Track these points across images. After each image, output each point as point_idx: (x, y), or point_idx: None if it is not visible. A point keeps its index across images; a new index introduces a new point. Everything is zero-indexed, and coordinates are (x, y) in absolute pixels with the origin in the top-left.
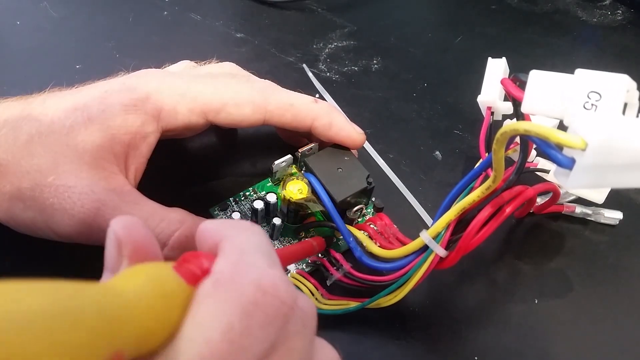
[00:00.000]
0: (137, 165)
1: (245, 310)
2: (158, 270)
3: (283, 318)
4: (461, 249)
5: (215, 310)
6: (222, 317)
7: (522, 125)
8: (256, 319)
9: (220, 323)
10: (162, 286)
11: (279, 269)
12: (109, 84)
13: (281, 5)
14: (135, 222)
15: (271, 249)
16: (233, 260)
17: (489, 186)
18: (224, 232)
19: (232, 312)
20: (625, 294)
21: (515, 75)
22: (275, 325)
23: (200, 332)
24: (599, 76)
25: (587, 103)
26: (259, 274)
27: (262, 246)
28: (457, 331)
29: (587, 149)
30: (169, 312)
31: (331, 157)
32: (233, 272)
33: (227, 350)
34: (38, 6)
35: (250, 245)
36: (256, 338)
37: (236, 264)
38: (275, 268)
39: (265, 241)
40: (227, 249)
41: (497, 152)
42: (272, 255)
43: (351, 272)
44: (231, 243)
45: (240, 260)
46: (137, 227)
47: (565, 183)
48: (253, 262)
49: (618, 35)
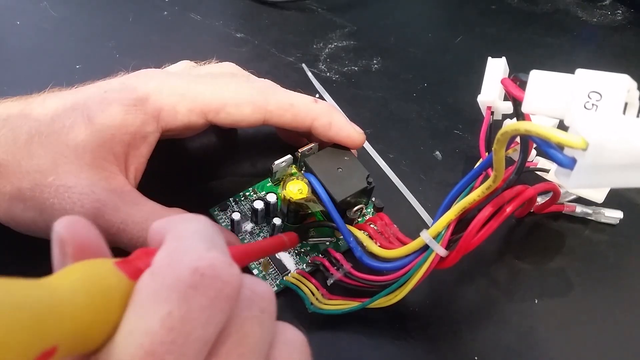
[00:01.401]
0: (137, 165)
1: (183, 295)
2: (96, 266)
3: (226, 299)
4: (461, 248)
5: (153, 299)
6: (160, 305)
7: (523, 125)
8: (196, 302)
9: (158, 311)
10: (99, 281)
11: (218, 251)
12: (109, 84)
13: (281, 5)
14: (78, 221)
15: (215, 234)
16: (170, 248)
17: (489, 186)
18: (168, 226)
19: (170, 299)
20: (625, 293)
21: (516, 75)
22: (218, 307)
23: (139, 323)
24: (600, 76)
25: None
26: (195, 257)
27: (203, 231)
28: (457, 331)
29: (588, 149)
30: (108, 308)
31: (331, 157)
32: (169, 259)
33: (168, 338)
34: (38, 6)
35: (189, 232)
36: (198, 322)
37: (172, 251)
38: (214, 250)
39: (206, 227)
40: (167, 239)
41: (498, 151)
42: (214, 239)
43: (351, 272)
44: (171, 234)
45: (176, 247)
46: (80, 225)
47: (566, 183)
48: (190, 247)
49: (618, 35)
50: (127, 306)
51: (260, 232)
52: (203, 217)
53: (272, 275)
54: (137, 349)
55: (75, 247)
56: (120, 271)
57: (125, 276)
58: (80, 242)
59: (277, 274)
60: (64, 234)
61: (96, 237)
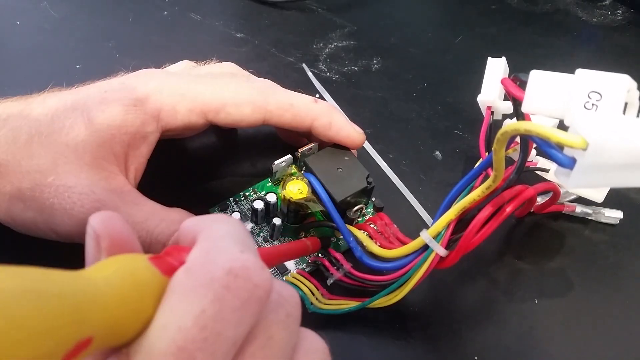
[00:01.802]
0: (137, 165)
1: (217, 295)
2: (132, 260)
3: (257, 301)
4: (461, 248)
5: (187, 297)
6: (194, 303)
7: (523, 125)
8: (229, 302)
9: (192, 309)
10: (135, 275)
11: (252, 254)
12: (108, 84)
13: (281, 5)
14: (113, 216)
15: (246, 236)
16: (205, 248)
17: (489, 185)
18: (201, 225)
19: (204, 298)
20: (625, 293)
21: (516, 75)
22: (249, 309)
23: (172, 319)
24: (600, 76)
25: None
26: (230, 258)
27: (236, 233)
28: (457, 331)
29: (587, 149)
30: (142, 302)
31: (331, 157)
32: (204, 258)
33: (200, 336)
34: (38, 6)
35: (223, 233)
36: (230, 322)
37: (207, 251)
38: (248, 253)
39: (239, 229)
40: (201, 239)
41: (498, 151)
42: (247, 242)
43: (351, 271)
44: (205, 234)
45: (212, 247)
46: (115, 221)
47: (566, 183)
48: (225, 247)
49: (618, 35)
50: (160, 301)
51: (260, 232)
52: (234, 218)
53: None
54: (169, 345)
55: (110, 241)
56: (154, 267)
57: (159, 272)
58: (115, 237)
59: (277, 274)
60: (99, 228)
61: (130, 233)
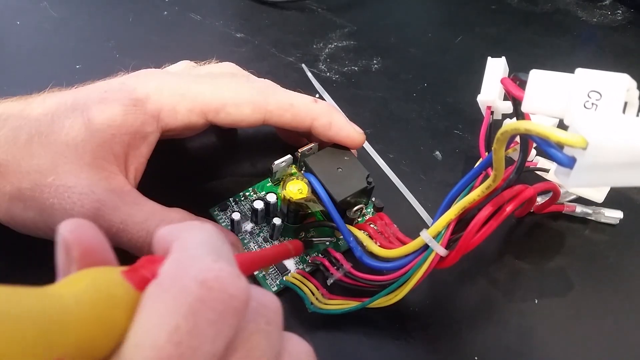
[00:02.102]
0: (137, 165)
1: (191, 309)
2: (103, 275)
3: (234, 312)
4: (461, 248)
5: (159, 312)
6: (167, 319)
7: (522, 124)
8: (204, 316)
9: (165, 325)
10: (106, 291)
11: (226, 263)
12: (108, 84)
13: (281, 5)
14: (84, 224)
15: (221, 243)
16: (176, 259)
17: (489, 185)
18: (174, 234)
19: (177, 312)
20: (625, 293)
21: (516, 75)
22: (226, 321)
23: (145, 337)
24: (600, 75)
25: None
26: (203, 269)
27: (209, 241)
28: (457, 331)
29: (587, 148)
30: (114, 319)
31: (331, 157)
32: (175, 270)
33: (175, 352)
34: (38, 6)
35: (196, 242)
36: (206, 336)
37: (179, 262)
38: (222, 262)
39: (213, 236)
40: (173, 249)
41: (498, 151)
42: (221, 250)
43: (351, 271)
44: (177, 244)
45: (183, 257)
46: (86, 229)
47: (566, 182)
48: (197, 257)
49: (618, 35)
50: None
51: (260, 232)
52: (209, 224)
53: (272, 275)
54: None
55: (81, 251)
56: (126, 281)
57: (132, 286)
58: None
59: (277, 274)
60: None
61: (102, 242)
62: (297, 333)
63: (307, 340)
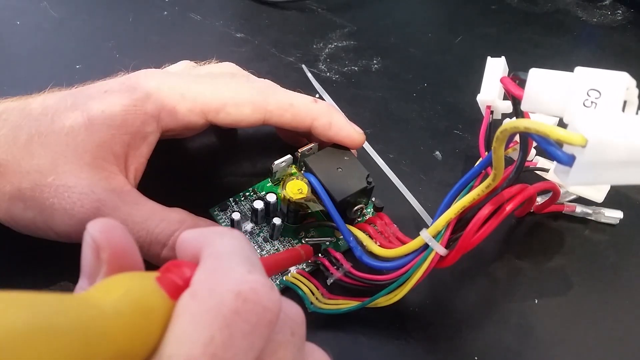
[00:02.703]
0: (137, 165)
1: (226, 321)
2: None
3: (267, 325)
4: (461, 247)
5: (195, 324)
6: (202, 330)
7: (522, 122)
8: (238, 328)
9: (200, 336)
10: (143, 301)
11: (260, 274)
12: (108, 84)
13: (281, 5)
14: (115, 226)
15: (252, 252)
16: (210, 268)
17: (489, 184)
18: (203, 239)
19: (212, 324)
20: (625, 293)
21: (515, 74)
22: (259, 334)
23: (180, 348)
24: (599, 74)
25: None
26: (238, 280)
27: (241, 250)
28: (457, 331)
29: (587, 146)
30: (150, 329)
31: (331, 157)
32: (211, 281)
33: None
34: (38, 6)
35: (228, 250)
36: (240, 348)
37: (213, 272)
38: (256, 273)
39: (244, 244)
40: (205, 257)
41: (497, 150)
42: (253, 259)
43: (351, 271)
44: (209, 250)
45: (218, 267)
46: (117, 230)
47: (566, 180)
48: (231, 268)
49: (618, 35)
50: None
51: (260, 232)
52: (238, 232)
53: (272, 275)
54: None
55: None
56: (162, 289)
57: (167, 295)
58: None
59: (277, 275)
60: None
61: (132, 245)
62: None
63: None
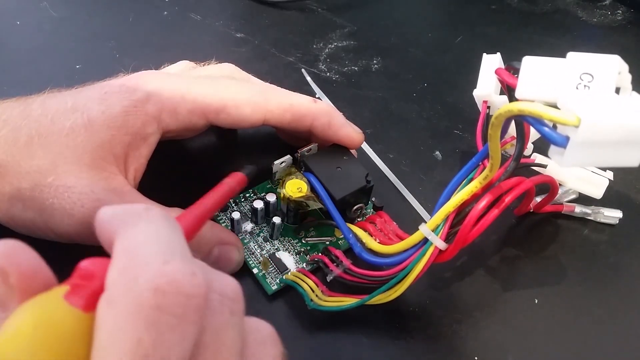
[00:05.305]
0: (137, 166)
1: (149, 320)
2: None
3: (195, 311)
4: (460, 240)
5: (117, 331)
6: (127, 335)
7: (516, 105)
8: (164, 323)
9: (126, 343)
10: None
11: (178, 259)
12: (108, 85)
13: (281, 5)
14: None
15: (169, 233)
16: (123, 266)
17: (487, 176)
18: (115, 226)
19: (136, 326)
20: (625, 293)
21: (509, 64)
22: (189, 321)
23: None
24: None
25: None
26: (153, 274)
27: (156, 236)
28: (457, 331)
29: (580, 126)
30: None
31: (330, 157)
32: (124, 281)
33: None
34: (38, 6)
35: (141, 240)
36: (172, 342)
37: (126, 270)
38: (174, 260)
39: (160, 228)
40: (117, 251)
41: (493, 137)
42: (171, 242)
43: (351, 268)
44: (120, 243)
45: (130, 264)
46: (21, 251)
47: (561, 161)
48: (145, 262)
49: (618, 35)
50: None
51: (260, 232)
52: (155, 209)
53: (272, 274)
54: None
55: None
56: (72, 307)
57: (80, 311)
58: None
59: (277, 273)
60: (5, 263)
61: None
62: (298, 333)
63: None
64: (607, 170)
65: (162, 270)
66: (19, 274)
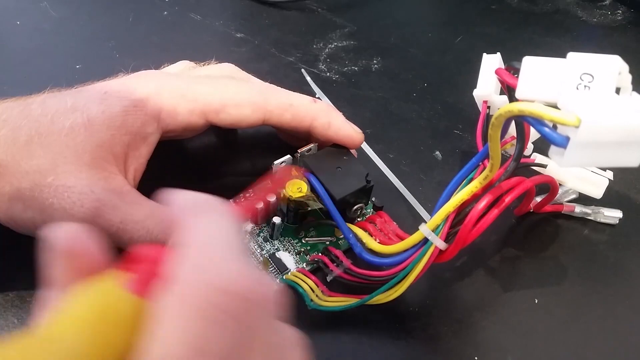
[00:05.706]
0: (136, 166)
1: (213, 319)
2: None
3: (254, 316)
4: (460, 240)
5: (178, 324)
6: (188, 330)
7: (516, 106)
8: (224, 324)
9: (186, 336)
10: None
11: (242, 262)
12: (108, 85)
13: (281, 5)
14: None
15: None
16: (195, 262)
17: (487, 176)
18: (184, 213)
19: (199, 323)
20: (625, 293)
21: (510, 64)
22: (246, 326)
23: (166, 350)
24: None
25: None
26: (224, 275)
27: (225, 234)
28: (457, 331)
29: (580, 126)
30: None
31: (330, 157)
32: (196, 277)
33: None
34: (38, 6)
35: (210, 237)
36: (226, 343)
37: (199, 266)
38: (239, 261)
39: (229, 227)
40: (189, 242)
41: (493, 137)
42: (239, 243)
43: (351, 268)
44: (194, 234)
45: (204, 261)
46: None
47: (561, 162)
48: (215, 260)
49: (618, 35)
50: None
51: (260, 232)
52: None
53: (272, 274)
54: None
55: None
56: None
57: (135, 296)
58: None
59: (277, 273)
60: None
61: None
62: None
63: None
64: (607, 170)
65: (233, 272)
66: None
